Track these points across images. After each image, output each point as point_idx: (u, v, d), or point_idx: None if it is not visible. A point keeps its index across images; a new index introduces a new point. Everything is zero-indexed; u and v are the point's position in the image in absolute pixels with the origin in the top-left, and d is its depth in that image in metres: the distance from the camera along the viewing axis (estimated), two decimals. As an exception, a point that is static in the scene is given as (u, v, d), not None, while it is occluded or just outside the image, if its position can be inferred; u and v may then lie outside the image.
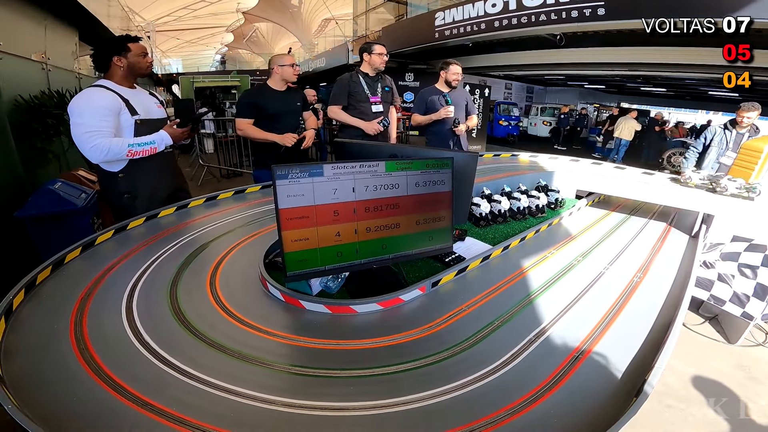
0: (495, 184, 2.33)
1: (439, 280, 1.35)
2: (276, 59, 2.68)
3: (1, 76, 3.23)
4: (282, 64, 2.64)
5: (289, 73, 2.66)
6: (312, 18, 25.94)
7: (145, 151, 1.96)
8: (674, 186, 2.35)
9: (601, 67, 9.20)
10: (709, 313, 2.88)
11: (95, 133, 1.81)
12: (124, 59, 1.95)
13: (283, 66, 2.64)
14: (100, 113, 1.83)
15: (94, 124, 1.82)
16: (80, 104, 1.82)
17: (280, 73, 2.65)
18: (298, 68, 2.69)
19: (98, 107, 1.84)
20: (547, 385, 0.92)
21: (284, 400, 0.84)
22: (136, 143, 1.93)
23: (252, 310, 1.17)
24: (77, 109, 1.81)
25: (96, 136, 1.81)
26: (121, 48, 1.95)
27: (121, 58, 1.95)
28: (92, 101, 1.84)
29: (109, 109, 1.87)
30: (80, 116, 1.80)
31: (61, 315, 1.09)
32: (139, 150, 1.94)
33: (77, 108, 1.81)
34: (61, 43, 4.96)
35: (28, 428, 0.69)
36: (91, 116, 1.81)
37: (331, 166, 1.14)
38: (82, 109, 1.81)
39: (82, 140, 1.81)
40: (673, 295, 1.41)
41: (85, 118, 1.80)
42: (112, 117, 1.88)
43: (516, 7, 7.30)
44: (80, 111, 1.81)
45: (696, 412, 2.06)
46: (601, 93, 19.93)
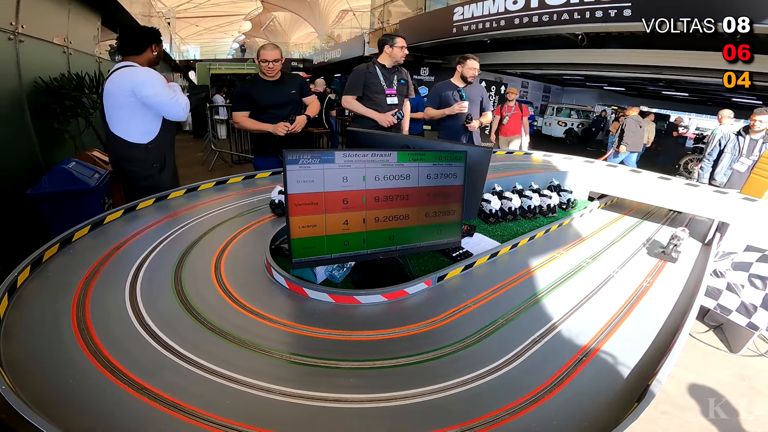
0: (507, 181, 2.29)
1: (445, 274, 1.34)
2: (258, 52, 2.65)
3: (23, 59, 3.29)
4: (260, 59, 2.62)
5: (263, 68, 2.63)
6: (330, 9, 25.84)
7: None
8: (689, 192, 2.29)
9: (622, 69, 9.00)
10: (714, 322, 2.83)
11: (173, 96, 2.15)
12: (159, 48, 2.26)
13: (260, 61, 2.63)
14: (163, 83, 2.16)
15: (167, 92, 2.14)
16: (151, 78, 2.10)
17: (258, 65, 2.65)
18: (276, 64, 2.64)
19: (161, 79, 2.15)
20: (549, 387, 0.90)
21: (283, 389, 0.83)
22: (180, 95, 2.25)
23: (255, 296, 1.16)
24: (151, 81, 2.09)
25: (176, 99, 2.16)
26: (159, 39, 2.26)
27: (158, 46, 2.25)
28: (155, 75, 2.14)
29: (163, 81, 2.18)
30: (154, 87, 2.09)
31: (64, 294, 1.10)
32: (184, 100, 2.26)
33: (151, 80, 2.09)
34: (84, 28, 5.01)
35: (20, 410, 0.68)
36: (162, 86, 2.14)
37: (342, 153, 1.12)
38: (155, 81, 2.11)
39: (170, 105, 2.15)
40: (681, 303, 1.37)
41: (158, 89, 2.11)
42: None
43: (538, 5, 7.16)
44: (151, 84, 2.09)
45: (691, 419, 2.04)
46: (620, 95, 19.57)
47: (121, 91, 2.04)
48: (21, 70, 3.27)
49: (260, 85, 2.66)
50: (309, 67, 18.51)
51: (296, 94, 2.77)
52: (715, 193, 2.26)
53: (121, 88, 2.04)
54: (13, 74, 3.21)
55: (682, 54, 6.96)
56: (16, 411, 0.69)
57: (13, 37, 3.19)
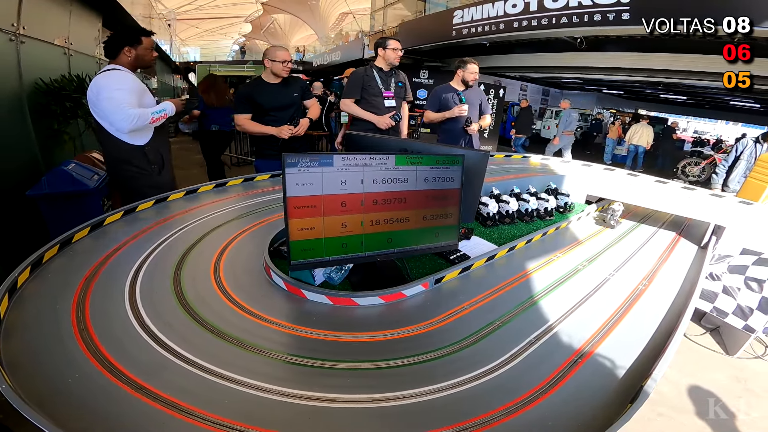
0: (504, 184, 2.31)
1: (442, 277, 1.35)
2: (269, 52, 2.64)
3: (24, 60, 3.29)
4: (273, 59, 2.60)
5: (278, 68, 2.62)
6: (330, 11, 25.90)
7: (162, 117, 2.17)
8: (686, 196, 2.30)
9: (621, 73, 9.03)
10: (710, 325, 2.84)
11: (125, 105, 1.99)
12: (134, 51, 2.10)
13: (274, 61, 2.61)
14: (129, 90, 2.03)
15: (125, 98, 2.00)
16: (110, 82, 1.99)
17: (270, 66, 2.63)
18: (289, 65, 2.65)
19: (127, 85, 2.03)
20: (544, 388, 0.91)
21: (281, 389, 0.85)
22: (154, 111, 2.13)
23: (254, 298, 1.17)
24: (109, 85, 1.98)
25: (126, 107, 1.98)
26: (134, 40, 2.10)
27: (131, 50, 2.10)
28: (121, 80, 2.02)
29: (136, 88, 2.07)
30: (111, 91, 1.97)
31: (64, 294, 1.10)
32: (158, 116, 2.14)
33: (108, 84, 1.98)
34: (85, 29, 5.02)
35: (21, 409, 0.69)
36: (122, 91, 2.00)
37: (341, 156, 1.14)
38: (113, 86, 1.98)
39: (113, 111, 1.98)
40: (676, 305, 1.39)
41: (115, 93, 1.98)
42: (137, 96, 2.08)
43: (537, 9, 7.18)
44: (112, 87, 1.98)
45: (686, 421, 2.04)
46: (618, 98, 19.62)
47: (90, 94, 2.00)
48: (22, 71, 3.27)
49: (263, 88, 2.65)
50: (309, 69, 18.54)
51: (298, 97, 2.77)
52: (711, 196, 2.28)
53: (91, 91, 2.00)
54: (13, 75, 3.22)
55: (681, 57, 6.98)
56: (17, 410, 0.69)
57: (14, 38, 3.20)
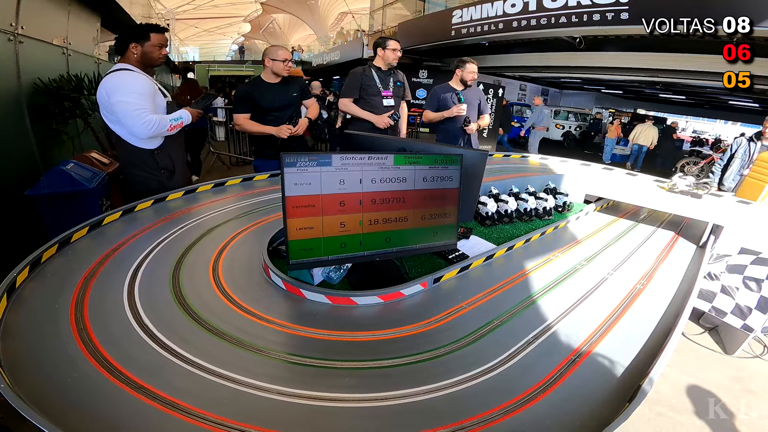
0: (503, 184, 2.31)
1: (441, 276, 1.35)
2: (269, 52, 2.64)
3: (22, 59, 3.29)
4: (274, 58, 2.60)
5: (279, 68, 2.62)
6: (329, 11, 25.90)
7: (179, 125, 2.13)
8: (684, 195, 2.31)
9: (620, 72, 9.04)
10: (709, 324, 2.85)
11: (143, 110, 1.93)
12: (140, 47, 2.02)
13: (274, 60, 2.61)
14: (142, 92, 1.95)
15: (140, 103, 1.93)
16: (122, 84, 1.91)
17: (270, 66, 2.63)
18: (290, 64, 2.66)
19: (140, 87, 1.95)
20: (542, 387, 0.92)
21: (280, 389, 0.85)
22: (172, 118, 2.09)
23: (253, 297, 1.17)
24: (119, 88, 1.90)
25: (145, 113, 1.93)
26: (140, 36, 2.01)
27: (137, 46, 2.01)
28: (133, 82, 1.94)
29: (147, 90, 1.99)
30: (125, 95, 1.90)
31: (63, 294, 1.10)
32: (176, 124, 2.11)
33: (117, 87, 1.90)
34: (83, 29, 5.01)
35: (19, 408, 0.69)
36: (136, 95, 1.92)
37: (339, 156, 1.14)
38: (126, 88, 1.91)
39: (131, 117, 1.92)
40: (674, 305, 1.39)
41: (130, 97, 1.90)
42: (151, 98, 2.01)
43: (536, 8, 7.18)
44: (125, 90, 1.90)
45: (685, 421, 2.04)
46: (617, 98, 19.63)
47: (100, 97, 1.95)
48: (20, 71, 3.27)
49: (262, 88, 2.65)
50: (308, 69, 18.54)
51: (298, 97, 2.77)
52: (709, 195, 2.28)
53: (100, 93, 1.94)
54: (12, 75, 3.22)
55: (680, 57, 6.98)
56: (16, 410, 0.69)
57: (12, 38, 3.20)
